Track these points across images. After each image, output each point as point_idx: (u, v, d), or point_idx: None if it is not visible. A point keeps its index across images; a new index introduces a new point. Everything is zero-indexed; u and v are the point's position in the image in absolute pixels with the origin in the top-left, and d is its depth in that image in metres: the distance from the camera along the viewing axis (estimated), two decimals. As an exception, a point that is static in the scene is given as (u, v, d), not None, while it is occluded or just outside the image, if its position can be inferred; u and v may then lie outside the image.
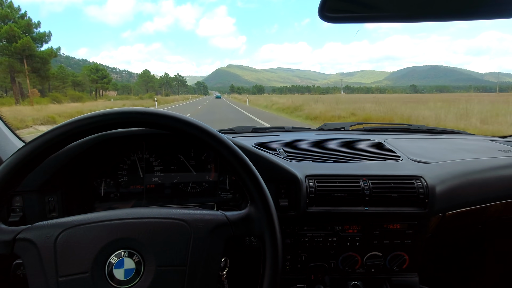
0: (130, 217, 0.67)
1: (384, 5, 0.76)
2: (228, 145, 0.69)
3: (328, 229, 1.09)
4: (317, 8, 0.74)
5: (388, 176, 1.07)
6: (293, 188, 1.03)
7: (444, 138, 1.54)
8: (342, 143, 1.33)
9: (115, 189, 1.13)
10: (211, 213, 0.71)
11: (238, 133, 1.55)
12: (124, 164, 1.14)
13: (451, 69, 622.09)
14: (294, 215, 1.03)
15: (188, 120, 0.69)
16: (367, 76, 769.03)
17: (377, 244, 1.11)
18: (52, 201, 0.98)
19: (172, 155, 1.15)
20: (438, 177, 1.11)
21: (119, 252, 0.63)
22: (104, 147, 1.07)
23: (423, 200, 1.05)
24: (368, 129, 1.68)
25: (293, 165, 1.09)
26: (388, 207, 1.05)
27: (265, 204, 0.69)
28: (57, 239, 0.63)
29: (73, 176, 1.04)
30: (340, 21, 0.78)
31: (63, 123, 0.65)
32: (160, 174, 1.15)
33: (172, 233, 0.66)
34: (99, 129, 0.65)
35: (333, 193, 1.03)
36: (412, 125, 1.72)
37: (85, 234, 0.64)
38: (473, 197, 1.15)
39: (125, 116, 0.66)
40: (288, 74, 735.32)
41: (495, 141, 1.50)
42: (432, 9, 0.74)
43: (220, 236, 0.68)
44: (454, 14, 0.74)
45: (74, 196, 1.04)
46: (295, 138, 1.38)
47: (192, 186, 1.16)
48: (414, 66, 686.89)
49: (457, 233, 1.37)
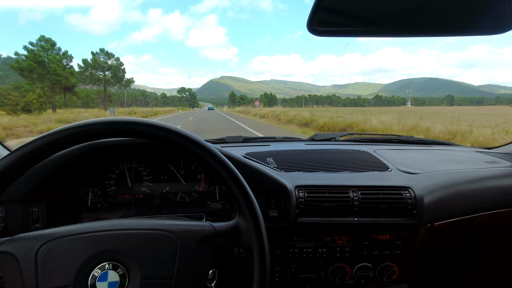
0: (115, 228, 0.66)
1: (371, 20, 0.78)
2: (216, 155, 0.69)
3: (318, 240, 1.08)
4: (306, 21, 0.76)
5: (377, 187, 1.08)
6: (282, 199, 1.03)
7: (432, 149, 1.57)
8: (332, 153, 1.34)
9: (102, 199, 1.11)
10: (198, 224, 0.70)
11: (229, 143, 1.56)
12: (112, 174, 1.12)
13: (448, 81, 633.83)
14: (283, 225, 1.03)
15: (175, 129, 0.68)
16: (361, 88, 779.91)
17: (366, 255, 1.11)
18: (36, 211, 0.95)
19: (161, 165, 1.14)
20: (426, 188, 1.12)
21: (103, 264, 0.62)
22: (92, 156, 1.06)
23: (411, 211, 1.06)
24: (358, 140, 1.70)
25: (283, 175, 1.10)
26: (377, 218, 1.05)
27: (253, 215, 0.68)
28: (38, 252, 0.61)
29: (59, 185, 1.02)
30: (328, 35, 0.80)
31: (48, 132, 0.63)
32: (149, 184, 1.13)
33: (158, 245, 0.65)
34: (84, 138, 0.64)
35: (322, 204, 1.04)
36: (401, 136, 1.75)
37: (68, 246, 0.62)
38: (460, 208, 1.17)
39: (112, 126, 0.65)
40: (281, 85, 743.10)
41: (481, 153, 1.53)
42: (417, 25, 0.77)
43: (208, 247, 0.67)
44: (436, 30, 0.78)
45: (60, 206, 1.02)
46: (286, 148, 1.39)
47: (182, 196, 1.15)
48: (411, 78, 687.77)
49: (446, 244, 1.38)
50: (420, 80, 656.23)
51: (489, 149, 1.69)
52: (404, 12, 0.76)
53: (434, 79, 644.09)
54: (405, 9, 0.75)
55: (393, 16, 0.77)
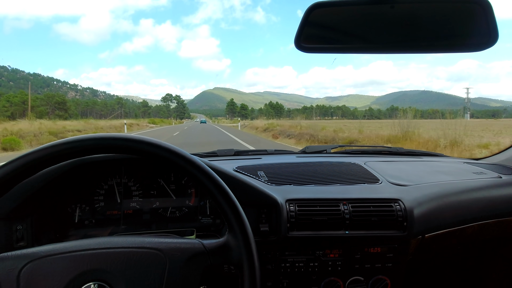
0: (102, 246, 0.64)
1: (358, 37, 0.81)
2: (206, 171, 0.68)
3: (310, 254, 1.07)
4: (293, 38, 0.78)
5: (367, 200, 1.09)
6: (273, 213, 1.02)
7: (421, 161, 1.59)
8: (323, 166, 1.35)
9: (90, 215, 1.08)
10: (187, 241, 0.68)
11: (220, 156, 1.55)
12: (101, 189, 1.10)
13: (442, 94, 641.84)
14: (275, 240, 1.02)
15: (163, 145, 0.67)
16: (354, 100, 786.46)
17: (358, 268, 1.10)
18: (21, 229, 0.92)
19: (151, 180, 1.13)
20: (416, 199, 1.13)
21: (88, 285, 0.60)
22: (80, 171, 1.04)
23: (402, 223, 1.07)
24: (349, 152, 1.72)
25: (273, 189, 1.10)
26: (368, 231, 1.06)
27: (243, 232, 0.68)
28: (21, 272, 0.59)
29: (46, 202, 0.99)
30: (315, 51, 0.82)
31: (34, 149, 0.63)
32: (138, 199, 1.12)
33: (146, 264, 0.63)
34: (67, 156, 0.63)
35: (314, 217, 1.03)
36: (391, 148, 1.78)
37: (52, 266, 0.60)
38: (450, 219, 1.18)
39: (96, 142, 0.64)
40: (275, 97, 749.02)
41: (469, 163, 1.55)
42: (402, 42, 0.79)
43: (197, 265, 0.66)
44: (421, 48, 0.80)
45: (46, 223, 0.99)
46: (277, 162, 1.39)
47: (172, 211, 1.13)
48: (405, 91, 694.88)
49: (437, 256, 1.39)
50: (414, 92, 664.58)
51: (477, 159, 1.72)
52: (390, 30, 0.78)
53: (428, 92, 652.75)
54: (391, 27, 0.77)
55: (380, 33, 0.79)
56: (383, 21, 0.77)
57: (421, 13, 0.76)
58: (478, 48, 0.77)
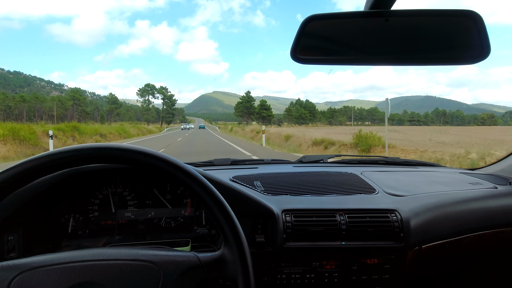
0: (95, 258, 0.62)
1: (353, 49, 0.81)
2: (201, 182, 0.67)
3: (306, 265, 1.06)
4: (289, 50, 0.79)
5: (364, 210, 1.08)
6: (269, 223, 1.02)
7: (418, 171, 1.59)
8: (320, 176, 1.34)
9: (84, 226, 1.07)
10: (182, 254, 0.67)
11: (217, 166, 1.55)
12: (95, 199, 1.09)
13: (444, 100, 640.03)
14: (271, 251, 1.01)
15: (158, 155, 0.66)
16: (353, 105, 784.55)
17: (355, 280, 1.09)
18: (12, 240, 0.90)
19: (147, 189, 1.12)
20: (413, 210, 1.12)
21: None
22: (75, 181, 1.03)
23: (398, 234, 1.06)
24: (346, 161, 1.72)
25: (270, 199, 1.09)
26: (364, 242, 1.05)
27: (239, 246, 0.67)
28: (11, 284, 0.57)
29: (38, 212, 0.97)
30: (311, 63, 0.82)
31: (30, 158, 0.62)
32: (133, 209, 1.11)
33: (139, 277, 0.62)
34: (63, 165, 0.62)
35: (310, 228, 1.03)
36: (388, 158, 1.78)
37: (44, 278, 0.59)
38: (447, 230, 1.17)
39: (93, 152, 0.63)
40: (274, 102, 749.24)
41: (465, 174, 1.55)
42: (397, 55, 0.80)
43: (192, 279, 0.65)
44: (416, 61, 0.81)
45: (38, 233, 0.97)
46: (273, 171, 1.38)
47: (167, 221, 1.12)
48: (407, 96, 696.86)
49: (434, 267, 1.38)
50: (416, 98, 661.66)
51: (472, 170, 1.72)
52: (385, 42, 0.79)
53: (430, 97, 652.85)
54: (386, 40, 0.78)
55: (375, 46, 0.80)
56: (378, 33, 0.78)
57: (415, 26, 0.77)
58: (471, 61, 0.77)
